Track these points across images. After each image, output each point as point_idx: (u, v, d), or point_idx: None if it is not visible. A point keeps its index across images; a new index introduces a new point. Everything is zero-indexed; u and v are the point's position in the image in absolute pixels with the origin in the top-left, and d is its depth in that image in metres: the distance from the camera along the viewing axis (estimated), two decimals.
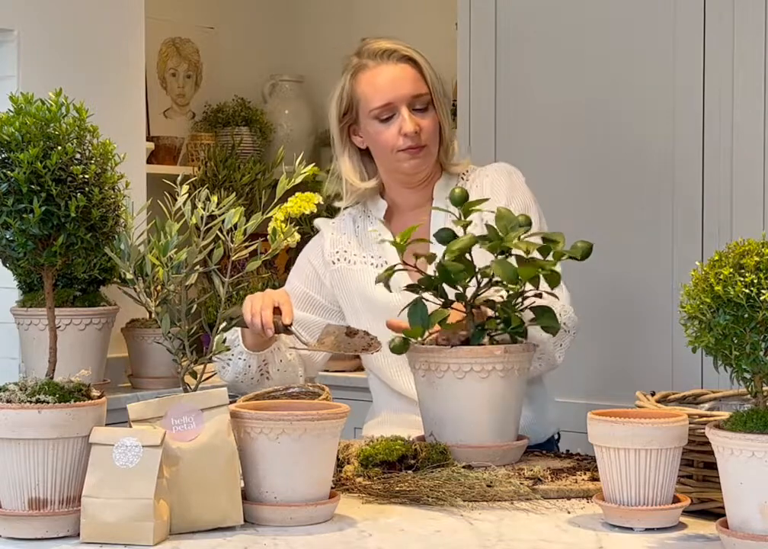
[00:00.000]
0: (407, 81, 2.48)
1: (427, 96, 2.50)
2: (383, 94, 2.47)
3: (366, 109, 2.50)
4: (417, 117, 2.48)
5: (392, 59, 2.49)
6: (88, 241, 1.83)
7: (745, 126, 3.38)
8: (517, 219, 2.16)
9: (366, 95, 2.49)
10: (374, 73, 2.49)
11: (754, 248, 1.64)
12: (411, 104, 2.48)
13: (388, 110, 2.47)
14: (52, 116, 1.82)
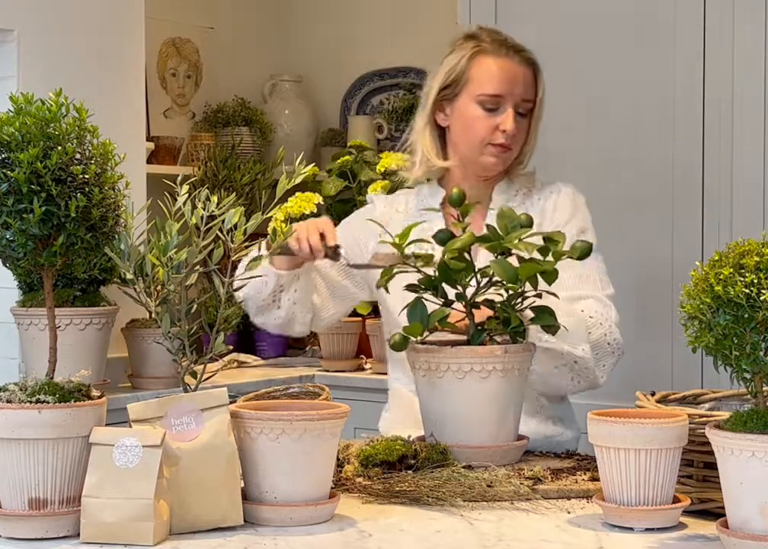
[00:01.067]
0: (523, 82, 2.49)
1: (531, 104, 2.51)
2: (499, 85, 2.47)
3: (474, 91, 2.49)
4: (518, 120, 2.49)
5: (517, 56, 2.50)
6: (88, 241, 1.83)
7: (745, 126, 3.39)
8: (519, 218, 2.16)
9: (481, 79, 2.49)
10: (496, 62, 2.49)
11: (754, 248, 1.64)
12: (517, 105, 2.49)
13: (495, 102, 2.48)
14: (52, 116, 1.82)
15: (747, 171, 3.39)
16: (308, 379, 3.88)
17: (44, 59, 3.41)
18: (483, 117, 2.49)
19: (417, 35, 4.78)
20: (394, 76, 4.87)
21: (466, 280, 2.16)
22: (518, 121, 2.50)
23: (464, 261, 2.14)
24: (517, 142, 2.52)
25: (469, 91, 2.50)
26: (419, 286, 2.19)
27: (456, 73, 2.51)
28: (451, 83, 2.52)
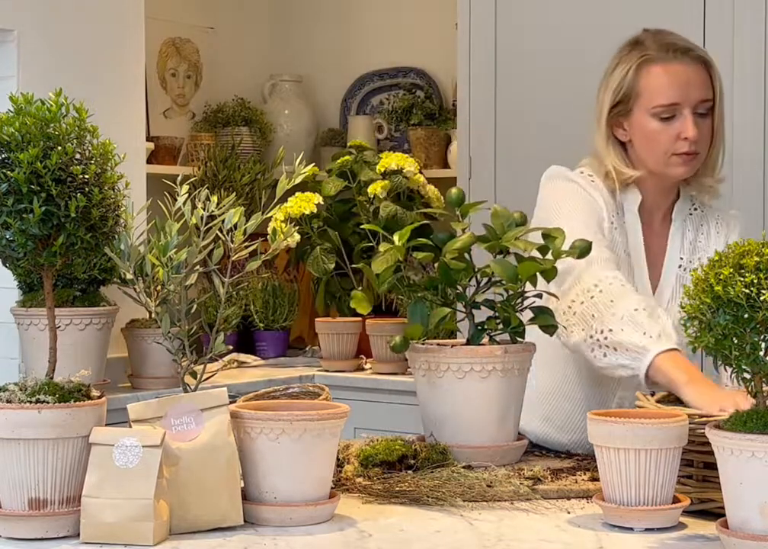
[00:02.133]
0: (698, 83, 2.38)
1: (710, 102, 2.40)
2: (672, 92, 2.36)
3: (648, 104, 2.38)
4: (699, 122, 2.38)
5: (686, 57, 2.38)
6: (88, 241, 1.83)
7: (745, 126, 3.38)
8: (513, 217, 2.17)
9: (652, 90, 2.38)
10: (665, 69, 2.37)
11: (754, 248, 1.64)
12: (695, 108, 2.38)
13: (671, 110, 2.37)
14: (52, 116, 1.82)
15: (747, 171, 3.39)
16: (308, 379, 3.88)
17: (44, 59, 3.41)
18: (662, 128, 2.38)
19: (417, 35, 4.78)
20: (394, 76, 4.87)
21: (466, 281, 2.16)
22: (699, 123, 2.38)
23: (464, 262, 2.14)
24: (703, 145, 2.41)
25: (643, 105, 2.39)
26: (419, 286, 2.19)
27: (626, 88, 2.40)
28: (622, 99, 2.41)
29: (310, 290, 4.39)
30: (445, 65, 4.60)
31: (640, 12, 3.57)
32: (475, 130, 3.93)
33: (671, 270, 2.47)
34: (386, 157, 4.15)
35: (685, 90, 2.37)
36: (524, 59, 3.80)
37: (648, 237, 2.47)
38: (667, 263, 2.48)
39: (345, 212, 4.25)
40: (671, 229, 2.49)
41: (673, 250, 2.48)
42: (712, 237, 2.51)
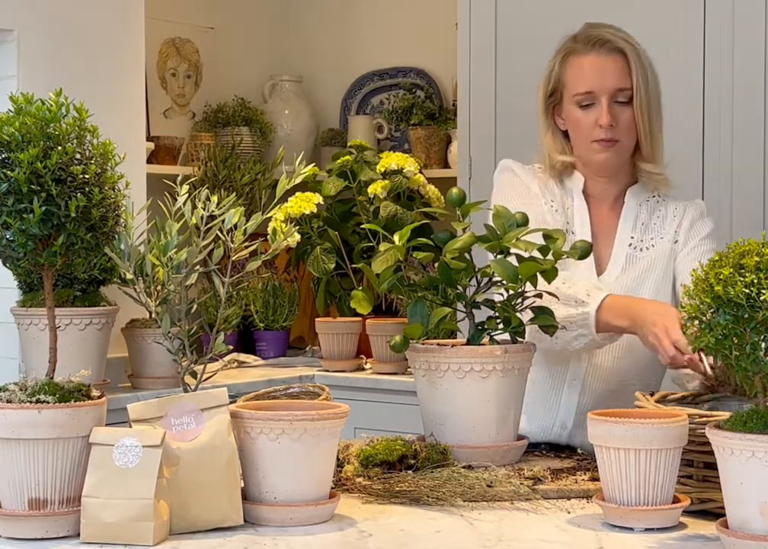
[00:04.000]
0: (613, 72, 2.47)
1: (629, 91, 2.47)
2: (587, 81, 2.47)
3: (570, 93, 2.50)
4: (618, 110, 2.47)
5: (603, 49, 2.48)
6: (88, 241, 1.83)
7: (745, 126, 3.39)
8: (515, 217, 2.17)
9: (572, 80, 2.50)
10: (583, 60, 2.49)
11: (754, 248, 1.64)
12: (612, 96, 2.47)
13: (590, 98, 2.47)
14: (52, 116, 1.82)
15: (746, 172, 3.39)
16: (308, 379, 3.87)
17: (44, 59, 3.41)
18: (582, 115, 2.49)
19: (417, 35, 4.78)
20: (394, 76, 4.87)
21: (466, 281, 2.16)
22: (619, 111, 2.47)
23: (464, 262, 2.14)
24: (623, 133, 2.48)
25: (567, 94, 2.52)
26: (419, 286, 2.19)
27: (554, 80, 2.54)
28: (553, 90, 2.55)
29: (310, 290, 4.39)
30: (445, 65, 4.60)
31: (640, 12, 3.57)
32: (475, 130, 3.93)
33: (621, 248, 2.53)
34: (386, 157, 4.15)
35: (599, 79, 2.47)
36: (524, 58, 3.80)
37: (598, 217, 2.55)
38: (617, 241, 2.54)
39: (345, 212, 4.25)
40: (623, 210, 2.56)
41: (624, 229, 2.55)
42: (667, 220, 2.56)
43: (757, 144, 3.37)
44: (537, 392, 2.48)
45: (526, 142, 3.73)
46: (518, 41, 3.83)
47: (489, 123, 3.89)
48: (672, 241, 2.54)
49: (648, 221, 2.55)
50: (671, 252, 2.53)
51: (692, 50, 3.46)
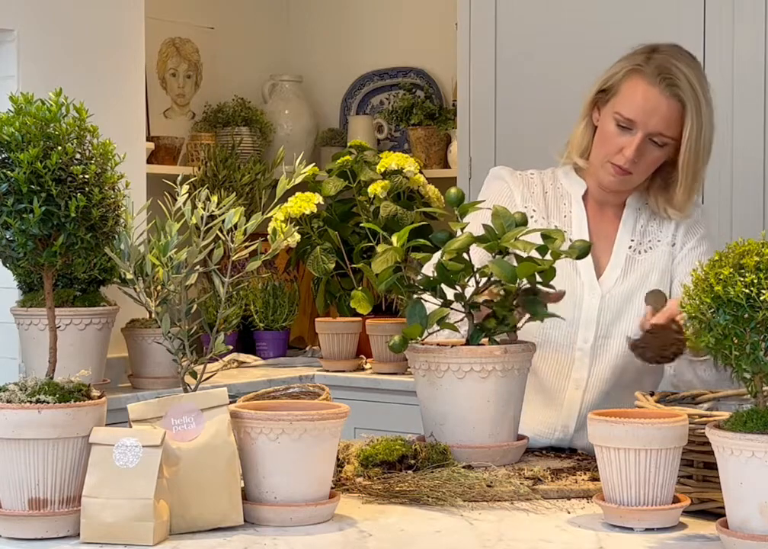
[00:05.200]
0: (662, 116, 2.42)
1: (669, 140, 2.44)
2: (635, 110, 2.43)
3: (614, 107, 2.46)
4: (649, 148, 2.44)
5: (667, 90, 2.42)
6: (88, 241, 1.83)
7: (745, 125, 3.39)
8: (513, 217, 2.17)
9: (623, 98, 2.45)
10: (644, 88, 2.43)
11: (754, 248, 1.64)
12: (650, 135, 2.43)
13: (629, 124, 2.43)
14: (52, 116, 1.82)
15: (747, 171, 3.39)
16: (308, 379, 3.87)
17: (44, 59, 3.41)
18: (615, 133, 2.45)
19: (417, 35, 4.78)
20: (394, 76, 4.87)
21: (465, 281, 2.16)
22: (648, 150, 2.44)
23: (462, 262, 2.14)
24: (640, 170, 2.47)
25: (613, 104, 2.47)
26: (417, 286, 2.19)
27: (612, 82, 2.48)
28: (606, 89, 2.49)
29: (310, 290, 4.39)
30: (445, 65, 4.60)
31: (641, 13, 3.57)
32: (475, 130, 3.94)
33: (621, 250, 2.54)
34: (386, 157, 4.15)
35: (647, 115, 2.42)
36: (524, 59, 3.80)
37: (597, 222, 2.56)
38: (617, 244, 2.54)
39: (345, 212, 4.25)
40: (623, 215, 2.57)
41: (624, 233, 2.55)
42: (665, 222, 2.56)
43: (757, 144, 3.37)
44: (541, 392, 2.48)
45: (527, 142, 3.74)
46: (518, 41, 3.83)
47: (489, 123, 3.89)
48: (670, 244, 2.55)
49: (646, 224, 2.56)
50: (669, 255, 2.54)
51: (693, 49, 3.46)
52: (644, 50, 2.48)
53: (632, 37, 3.55)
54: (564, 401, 2.50)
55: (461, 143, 4.01)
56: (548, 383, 2.50)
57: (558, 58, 3.68)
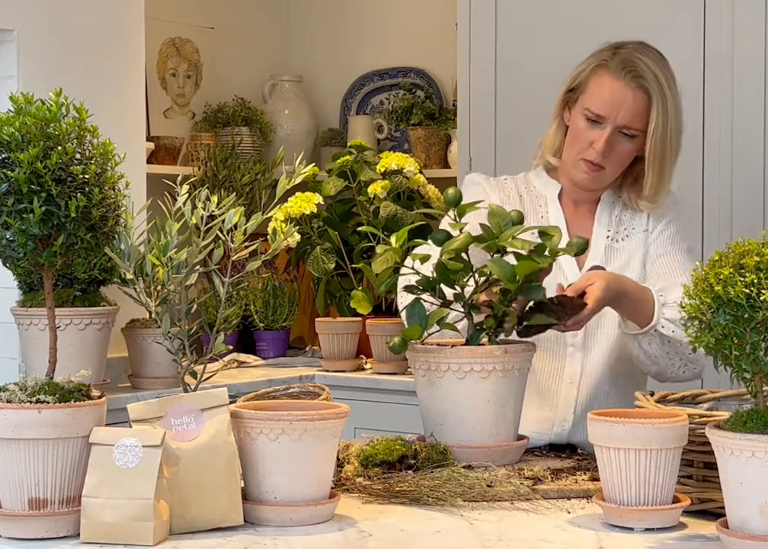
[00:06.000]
0: (628, 109, 2.46)
1: (637, 132, 2.47)
2: (602, 105, 2.47)
3: (583, 103, 2.50)
4: (619, 141, 2.48)
5: (633, 82, 2.46)
6: (88, 241, 1.83)
7: (745, 125, 3.39)
8: (510, 215, 2.17)
9: (591, 94, 2.50)
10: (610, 82, 2.47)
11: (754, 248, 1.64)
12: (619, 128, 2.47)
13: (598, 119, 2.47)
14: (52, 116, 1.82)
15: (747, 171, 3.39)
16: (308, 379, 3.87)
17: (44, 59, 3.41)
18: (585, 129, 2.49)
19: (417, 35, 4.78)
20: (394, 76, 4.87)
21: (464, 281, 2.16)
22: (618, 143, 2.48)
23: (461, 262, 2.14)
24: (614, 163, 2.50)
25: (582, 101, 2.51)
26: (416, 287, 2.19)
27: (579, 80, 2.53)
28: (574, 88, 2.54)
29: (310, 290, 4.39)
30: (445, 65, 4.60)
31: (641, 13, 3.57)
32: (475, 130, 3.94)
33: (599, 242, 2.57)
34: (386, 157, 4.15)
35: (615, 108, 2.46)
36: (524, 58, 3.80)
37: (575, 221, 2.59)
38: (595, 237, 2.57)
39: (345, 212, 4.25)
40: (598, 209, 2.60)
41: (600, 226, 2.59)
42: (637, 212, 2.60)
43: (757, 143, 3.37)
44: (536, 389, 2.49)
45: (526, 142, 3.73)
46: (518, 41, 3.83)
47: (489, 123, 3.89)
48: (643, 231, 2.58)
49: (620, 214, 2.60)
50: (645, 242, 2.58)
51: (693, 49, 3.46)
52: (610, 47, 2.54)
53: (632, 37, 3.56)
54: (560, 397, 2.51)
55: (461, 143, 4.01)
56: (542, 380, 2.52)
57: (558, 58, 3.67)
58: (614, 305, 2.34)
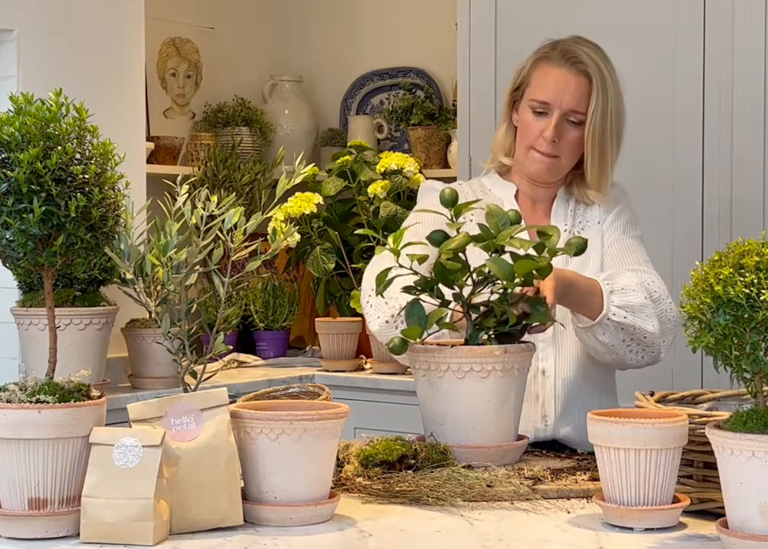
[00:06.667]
0: (573, 93, 2.53)
1: (583, 117, 2.54)
2: (547, 92, 2.54)
3: (528, 96, 2.57)
4: (567, 128, 2.55)
5: (574, 68, 2.54)
6: (88, 241, 1.83)
7: (745, 125, 3.39)
8: (507, 215, 2.17)
9: (535, 85, 2.57)
10: (551, 71, 2.55)
11: (754, 248, 1.64)
12: (565, 114, 2.54)
13: (544, 108, 2.54)
14: (52, 116, 1.82)
15: (746, 171, 3.39)
16: (308, 379, 3.87)
17: (44, 59, 3.41)
18: (533, 121, 2.56)
19: (417, 35, 4.78)
20: (394, 76, 4.87)
21: (462, 280, 2.16)
22: (567, 129, 2.55)
23: (460, 262, 2.14)
24: (565, 151, 2.56)
25: (527, 95, 2.58)
26: (415, 287, 2.19)
27: (522, 76, 2.61)
28: (518, 85, 2.61)
29: (310, 290, 4.39)
30: (445, 65, 4.60)
31: (640, 13, 3.57)
32: (475, 130, 3.93)
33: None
34: (386, 157, 4.15)
35: (559, 94, 2.54)
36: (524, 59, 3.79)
37: (533, 220, 2.63)
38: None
39: (345, 212, 4.25)
40: (554, 202, 2.65)
41: (557, 220, 2.63)
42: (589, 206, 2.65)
43: (757, 143, 3.37)
44: None
45: None
46: (518, 41, 3.82)
47: (489, 123, 3.88)
48: (597, 222, 2.63)
49: (575, 208, 2.65)
50: (600, 233, 2.61)
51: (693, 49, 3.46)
52: (548, 42, 2.61)
53: (632, 38, 3.56)
54: (538, 393, 2.55)
55: (461, 143, 4.01)
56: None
57: None
58: (563, 297, 2.34)
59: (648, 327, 2.44)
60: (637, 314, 2.42)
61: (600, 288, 2.40)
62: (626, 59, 3.57)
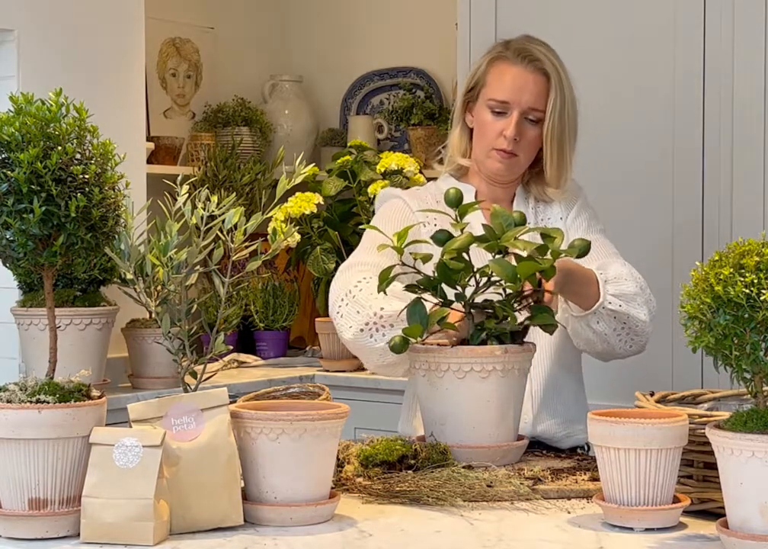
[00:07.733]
0: (531, 90, 2.54)
1: (541, 115, 2.54)
2: (505, 91, 2.54)
3: (486, 96, 2.56)
4: (526, 127, 2.55)
5: (530, 66, 2.54)
6: (88, 241, 1.83)
7: (745, 125, 3.38)
8: (512, 217, 2.17)
9: (492, 84, 2.56)
10: (508, 69, 2.55)
11: (754, 248, 1.64)
12: (524, 112, 2.54)
13: (503, 107, 2.54)
14: (52, 116, 1.82)
15: (747, 171, 3.39)
16: (308, 379, 3.87)
17: (44, 59, 3.41)
18: (491, 121, 2.55)
19: (417, 35, 4.78)
20: (394, 76, 4.87)
21: (465, 281, 2.16)
22: (526, 129, 2.55)
23: (463, 262, 2.14)
24: (525, 149, 2.56)
25: (483, 95, 2.58)
26: (417, 286, 2.19)
27: (477, 77, 2.60)
28: (473, 86, 2.60)
29: (310, 290, 4.39)
30: (445, 65, 4.60)
31: (640, 13, 3.57)
32: None
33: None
34: (386, 157, 4.15)
35: (518, 93, 2.54)
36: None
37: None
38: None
39: (345, 212, 4.25)
40: (515, 201, 2.65)
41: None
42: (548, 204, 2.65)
43: (757, 144, 3.37)
44: None
45: None
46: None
47: None
48: (559, 218, 2.63)
49: (535, 206, 2.65)
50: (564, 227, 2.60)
51: (693, 50, 3.46)
52: (499, 43, 2.61)
53: (632, 38, 3.56)
54: None
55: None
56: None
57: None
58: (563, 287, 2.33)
59: (640, 316, 2.45)
60: (630, 303, 2.43)
61: (595, 277, 2.41)
62: (626, 60, 3.57)
